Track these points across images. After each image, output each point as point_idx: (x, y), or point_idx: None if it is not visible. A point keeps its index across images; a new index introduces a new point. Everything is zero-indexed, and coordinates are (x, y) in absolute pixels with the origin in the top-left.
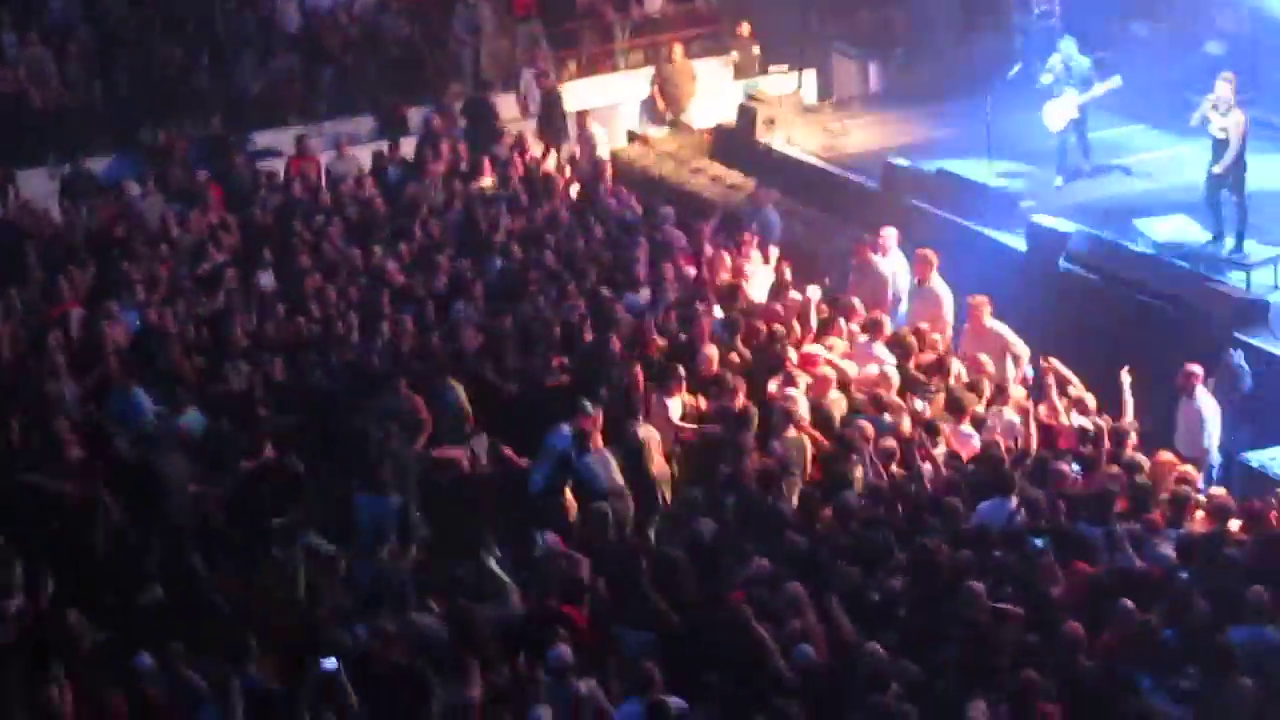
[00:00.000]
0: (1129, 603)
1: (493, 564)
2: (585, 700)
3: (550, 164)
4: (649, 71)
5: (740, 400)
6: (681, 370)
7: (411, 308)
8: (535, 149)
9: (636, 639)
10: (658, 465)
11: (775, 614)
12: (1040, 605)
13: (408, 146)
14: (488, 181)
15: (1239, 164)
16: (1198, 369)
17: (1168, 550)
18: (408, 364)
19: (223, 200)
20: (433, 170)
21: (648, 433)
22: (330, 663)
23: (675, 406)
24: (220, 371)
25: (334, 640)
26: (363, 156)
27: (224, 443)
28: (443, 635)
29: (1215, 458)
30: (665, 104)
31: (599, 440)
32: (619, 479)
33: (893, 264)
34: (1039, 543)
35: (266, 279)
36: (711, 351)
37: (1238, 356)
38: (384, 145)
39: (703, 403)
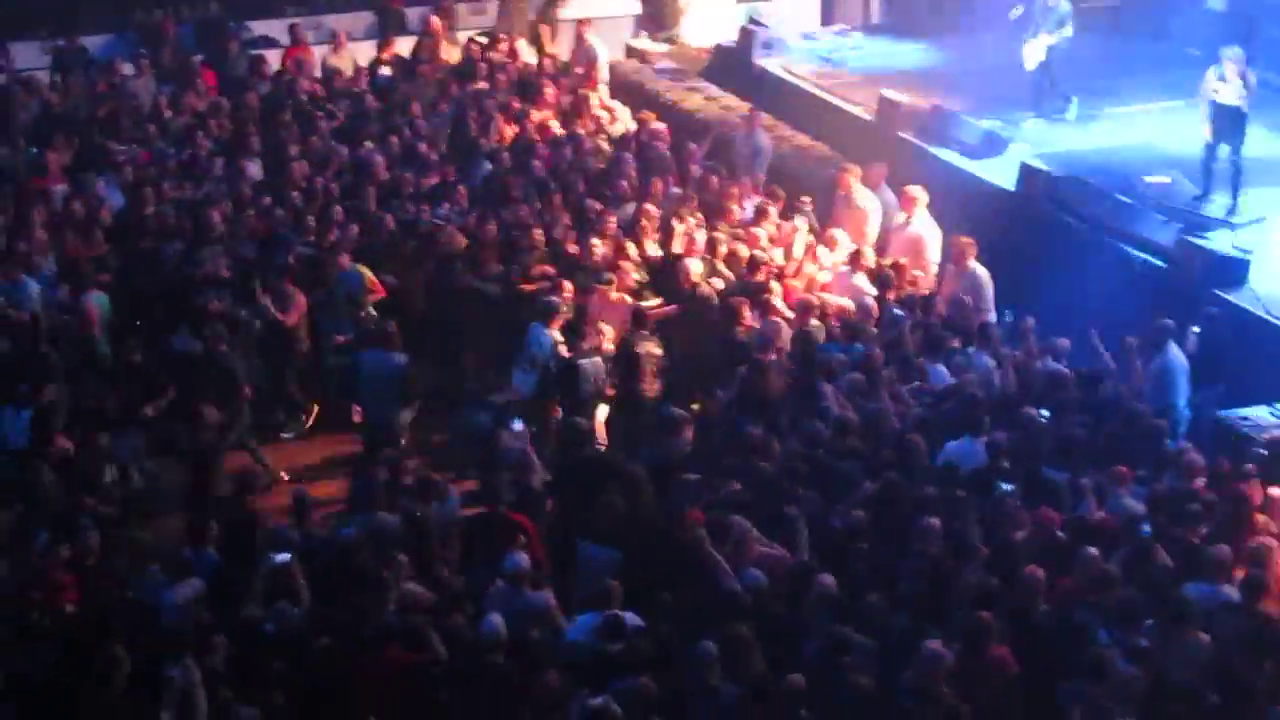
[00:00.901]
0: (1092, 550)
1: None
2: (540, 610)
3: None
4: None
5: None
6: None
7: (396, 205)
8: (529, 56)
9: (601, 554)
10: (649, 384)
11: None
12: (1003, 549)
13: (405, 45)
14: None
15: (1243, 127)
16: (1170, 323)
17: (1130, 501)
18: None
19: (215, 86)
20: (426, 71)
21: (646, 349)
22: (284, 556)
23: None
24: (196, 257)
25: (282, 537)
26: (359, 51)
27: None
28: (401, 534)
29: (1184, 413)
30: (654, 20)
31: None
32: (604, 387)
33: (880, 197)
34: (1006, 486)
35: (253, 168)
36: (693, 265)
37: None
38: (380, 42)
39: None
